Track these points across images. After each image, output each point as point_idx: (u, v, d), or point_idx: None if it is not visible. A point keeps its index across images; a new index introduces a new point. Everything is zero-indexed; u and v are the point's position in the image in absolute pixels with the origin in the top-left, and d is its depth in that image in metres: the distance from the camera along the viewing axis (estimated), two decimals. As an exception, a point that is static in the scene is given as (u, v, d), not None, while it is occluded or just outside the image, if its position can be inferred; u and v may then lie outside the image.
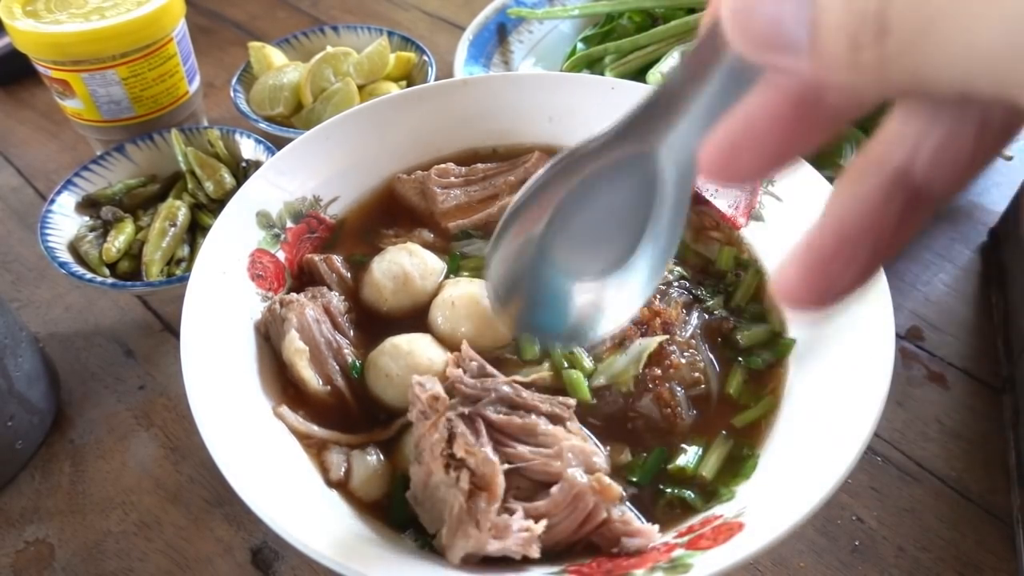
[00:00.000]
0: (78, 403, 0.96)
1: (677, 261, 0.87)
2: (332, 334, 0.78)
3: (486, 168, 0.96)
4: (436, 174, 0.93)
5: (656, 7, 1.33)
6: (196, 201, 1.12)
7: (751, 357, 0.79)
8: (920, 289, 1.07)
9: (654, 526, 0.64)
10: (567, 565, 0.64)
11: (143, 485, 0.88)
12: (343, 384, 0.76)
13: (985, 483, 0.85)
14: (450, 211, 0.92)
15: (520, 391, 0.69)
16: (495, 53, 1.37)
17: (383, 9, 1.74)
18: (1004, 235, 1.09)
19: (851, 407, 0.64)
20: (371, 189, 0.96)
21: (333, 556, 0.56)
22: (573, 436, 0.66)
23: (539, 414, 0.67)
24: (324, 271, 0.86)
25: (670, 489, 0.69)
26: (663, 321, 0.78)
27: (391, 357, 0.75)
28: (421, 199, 0.92)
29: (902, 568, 0.79)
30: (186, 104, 1.26)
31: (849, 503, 0.83)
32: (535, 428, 0.66)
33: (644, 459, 0.71)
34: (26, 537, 0.84)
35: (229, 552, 0.82)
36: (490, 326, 0.78)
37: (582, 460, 0.64)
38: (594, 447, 0.68)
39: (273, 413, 0.72)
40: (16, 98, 1.48)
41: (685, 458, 0.71)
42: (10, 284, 1.12)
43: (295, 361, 0.75)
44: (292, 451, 0.71)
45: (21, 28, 1.08)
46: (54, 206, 1.06)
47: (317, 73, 1.29)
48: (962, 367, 0.97)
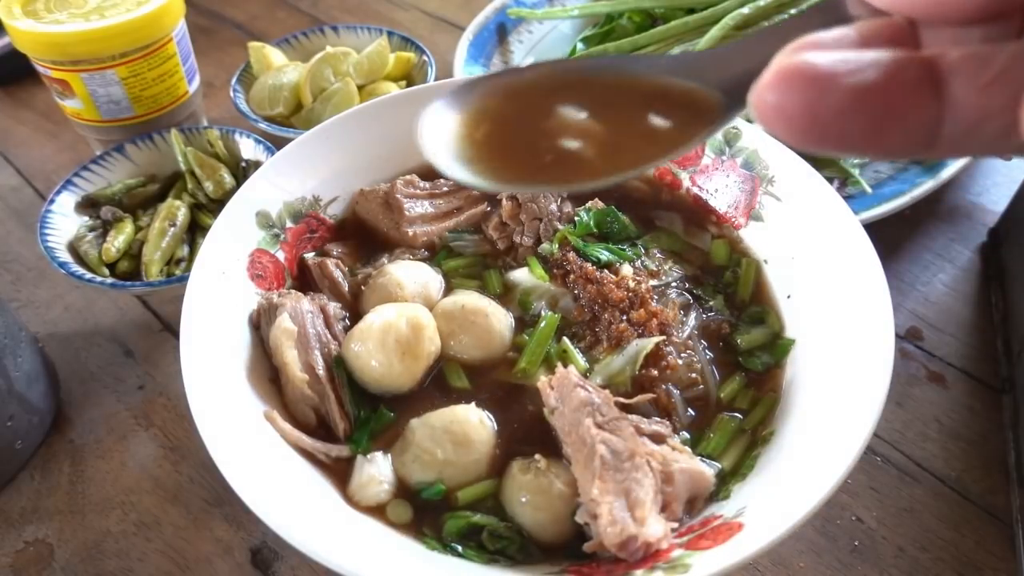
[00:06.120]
0: (78, 403, 0.96)
1: (675, 260, 0.88)
2: (323, 330, 0.78)
3: (449, 182, 0.96)
4: (402, 184, 0.93)
5: (656, 7, 1.33)
6: (196, 201, 1.12)
7: (750, 359, 0.79)
8: (920, 289, 1.07)
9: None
10: (567, 565, 0.64)
11: (142, 485, 0.88)
12: (324, 376, 0.75)
13: (985, 483, 0.85)
14: (415, 220, 0.91)
15: (622, 413, 0.69)
16: (495, 53, 1.37)
17: (383, 9, 1.74)
18: (1004, 235, 1.09)
19: (851, 407, 0.64)
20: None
21: (332, 556, 0.56)
22: (682, 456, 0.67)
23: (641, 434, 0.67)
24: (317, 276, 0.86)
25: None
26: (660, 322, 0.78)
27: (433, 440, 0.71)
28: (386, 211, 0.92)
29: (902, 568, 0.79)
30: (186, 104, 1.26)
31: (849, 503, 0.83)
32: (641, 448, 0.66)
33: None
34: (26, 537, 0.84)
35: (229, 552, 0.82)
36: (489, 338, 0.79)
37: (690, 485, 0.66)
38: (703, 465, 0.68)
39: (265, 417, 0.71)
40: (16, 98, 1.48)
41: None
42: (10, 284, 1.12)
43: (281, 342, 0.74)
44: (291, 451, 0.71)
45: (21, 28, 1.09)
46: (54, 206, 1.06)
47: (317, 73, 1.29)
48: (961, 367, 0.97)
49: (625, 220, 0.90)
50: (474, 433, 0.70)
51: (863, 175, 1.09)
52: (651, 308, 0.79)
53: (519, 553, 0.66)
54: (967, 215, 1.17)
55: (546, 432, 0.71)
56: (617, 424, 0.66)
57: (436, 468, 0.69)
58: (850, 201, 0.97)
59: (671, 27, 1.26)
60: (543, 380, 0.71)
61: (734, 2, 1.26)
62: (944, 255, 1.11)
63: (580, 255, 0.85)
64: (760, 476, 0.68)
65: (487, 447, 0.71)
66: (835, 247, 0.77)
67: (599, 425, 0.65)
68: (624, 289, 0.80)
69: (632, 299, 0.79)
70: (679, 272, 0.86)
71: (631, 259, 0.85)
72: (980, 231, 1.14)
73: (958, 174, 1.08)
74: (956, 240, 1.13)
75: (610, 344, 0.77)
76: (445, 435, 0.70)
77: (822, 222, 0.79)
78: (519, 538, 0.66)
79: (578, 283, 0.82)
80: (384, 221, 0.92)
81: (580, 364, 0.77)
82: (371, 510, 0.68)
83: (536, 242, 0.89)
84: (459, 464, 0.70)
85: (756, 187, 0.88)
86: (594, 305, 0.80)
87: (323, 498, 0.68)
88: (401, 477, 0.71)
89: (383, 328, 0.75)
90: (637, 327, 0.77)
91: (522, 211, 0.90)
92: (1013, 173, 1.22)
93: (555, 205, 0.91)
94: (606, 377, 0.75)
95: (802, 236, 0.82)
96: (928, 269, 1.09)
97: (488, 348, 0.79)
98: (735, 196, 0.90)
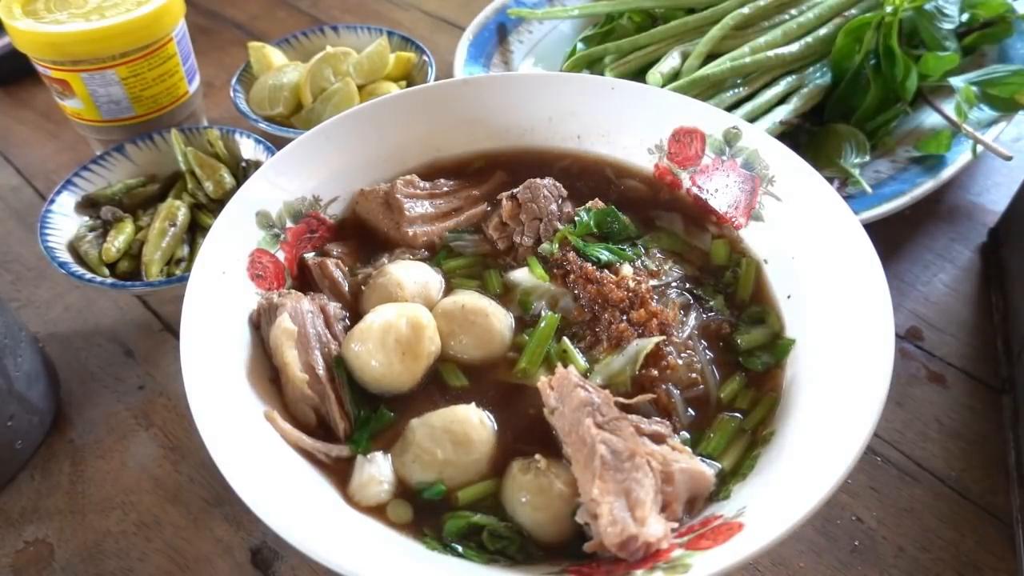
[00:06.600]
0: (78, 403, 0.96)
1: (675, 260, 0.88)
2: (323, 329, 0.78)
3: (449, 183, 0.97)
4: (402, 184, 0.93)
5: (656, 7, 1.33)
6: (196, 201, 1.12)
7: (750, 359, 0.79)
8: (920, 289, 1.07)
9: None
10: (567, 565, 0.64)
11: (142, 485, 0.88)
12: (324, 376, 0.75)
13: (985, 483, 0.85)
14: (415, 220, 0.91)
15: (622, 413, 0.69)
16: (495, 53, 1.37)
17: (383, 9, 1.74)
18: (1004, 235, 1.09)
19: (851, 407, 0.64)
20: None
21: (332, 556, 0.56)
22: (682, 456, 0.67)
23: (641, 434, 0.67)
24: (317, 276, 0.86)
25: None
26: (660, 322, 0.78)
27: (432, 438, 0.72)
28: (386, 211, 0.92)
29: (902, 568, 0.79)
30: (186, 104, 1.26)
31: (849, 503, 0.83)
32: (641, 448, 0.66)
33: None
34: (26, 537, 0.84)
35: (228, 552, 0.82)
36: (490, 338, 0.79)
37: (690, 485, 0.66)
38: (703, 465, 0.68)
39: (265, 417, 0.71)
40: (16, 98, 1.48)
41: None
42: (10, 284, 1.12)
43: (282, 342, 0.74)
44: (291, 451, 0.71)
45: (21, 28, 1.09)
46: (54, 206, 1.06)
47: (317, 73, 1.29)
48: (962, 367, 0.97)
49: (625, 220, 0.90)
50: (474, 433, 0.70)
51: (863, 175, 1.09)
52: (651, 308, 0.79)
53: (519, 553, 0.66)
54: (967, 215, 1.17)
55: (546, 432, 0.71)
56: (617, 424, 0.66)
57: (436, 468, 0.69)
58: (850, 201, 0.97)
59: (671, 27, 1.26)
60: (543, 380, 0.71)
61: (734, 2, 1.26)
62: (944, 255, 1.11)
63: (580, 255, 0.85)
64: (760, 476, 0.68)
65: (487, 447, 0.71)
66: (835, 247, 0.77)
67: (599, 425, 0.65)
68: (624, 289, 0.80)
69: (632, 299, 0.79)
70: (679, 272, 0.86)
71: (631, 259, 0.85)
72: (980, 231, 1.14)
73: (958, 174, 1.08)
74: (956, 240, 1.13)
75: (610, 344, 0.77)
76: (445, 435, 0.70)
77: (822, 222, 0.79)
78: (519, 538, 0.66)
79: (578, 283, 0.82)
80: (384, 221, 0.92)
81: (580, 364, 0.77)
82: (371, 510, 0.68)
83: (536, 242, 0.89)
84: (459, 464, 0.70)
85: (756, 187, 0.88)
86: (594, 305, 0.80)
87: (323, 498, 0.68)
88: (401, 477, 0.71)
89: (383, 328, 0.75)
90: (637, 327, 0.77)
91: (522, 211, 0.90)
92: (1013, 173, 1.22)
93: (555, 205, 0.91)
94: (606, 377, 0.75)
95: (802, 236, 0.82)
96: (928, 269, 1.09)
97: (488, 348, 0.79)
98: (735, 196, 0.90)
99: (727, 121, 0.90)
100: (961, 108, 1.10)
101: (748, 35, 1.24)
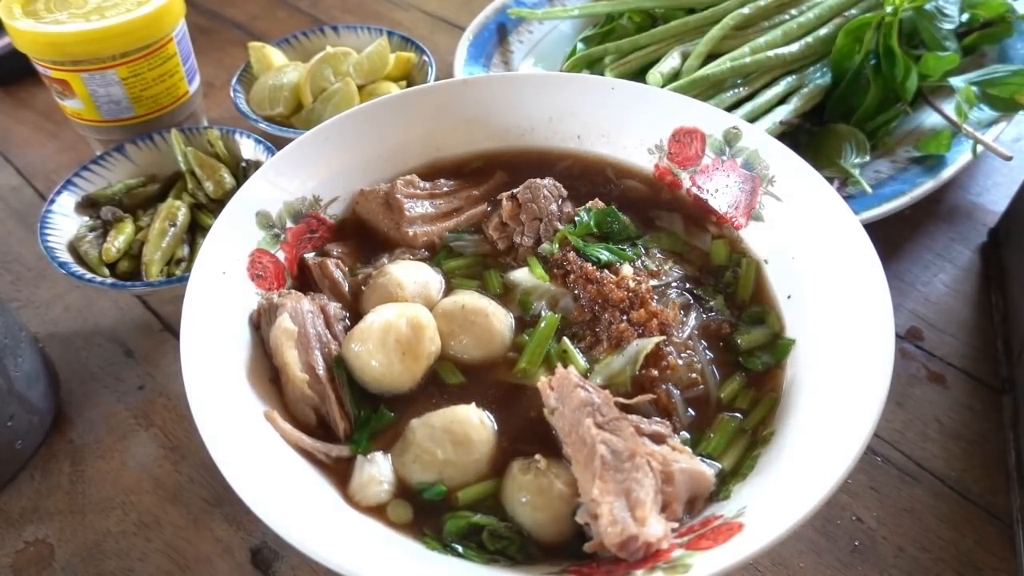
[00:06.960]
0: (78, 403, 0.96)
1: (675, 260, 0.88)
2: (323, 330, 0.78)
3: (449, 183, 0.97)
4: (402, 184, 0.93)
5: (656, 7, 1.33)
6: (196, 201, 1.12)
7: (750, 359, 0.79)
8: (920, 289, 1.07)
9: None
10: (567, 565, 0.64)
11: (143, 485, 0.88)
12: (324, 375, 0.75)
13: (985, 483, 0.85)
14: (415, 220, 0.91)
15: (622, 413, 0.69)
16: (495, 53, 1.37)
17: (383, 9, 1.74)
18: (1004, 235, 1.09)
19: (851, 407, 0.64)
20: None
21: (332, 556, 0.56)
22: (682, 456, 0.67)
23: (641, 434, 0.67)
24: (317, 276, 0.86)
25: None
26: (660, 322, 0.78)
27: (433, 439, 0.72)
28: (386, 211, 0.92)
29: (902, 568, 0.79)
30: (186, 104, 1.26)
31: (849, 503, 0.83)
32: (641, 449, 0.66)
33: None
34: (26, 537, 0.84)
35: (229, 552, 0.82)
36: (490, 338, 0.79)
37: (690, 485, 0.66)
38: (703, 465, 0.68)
39: (265, 417, 0.71)
40: (16, 98, 1.48)
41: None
42: (10, 284, 1.12)
43: (282, 342, 0.74)
44: (291, 451, 0.71)
45: (21, 28, 1.09)
46: (54, 206, 1.06)
47: (317, 73, 1.29)
48: (962, 367, 0.97)
49: (625, 220, 0.90)
50: (474, 433, 0.70)
51: (863, 175, 1.09)
52: (651, 308, 0.79)
53: (519, 553, 0.66)
54: (967, 215, 1.17)
55: (546, 432, 0.71)
56: (617, 424, 0.66)
57: (436, 468, 0.69)
58: (850, 201, 0.97)
59: (671, 27, 1.26)
60: (543, 380, 0.71)
61: (734, 2, 1.26)
62: (944, 255, 1.11)
63: (580, 255, 0.85)
64: (760, 476, 0.68)
65: (487, 447, 0.71)
66: (835, 247, 0.77)
67: (599, 425, 0.65)
68: (624, 289, 0.80)
69: (632, 299, 0.79)
70: (679, 272, 0.86)
71: (631, 259, 0.85)
72: (980, 231, 1.14)
73: (958, 174, 1.08)
74: (956, 240, 1.13)
75: (610, 344, 0.77)
76: (445, 435, 0.70)
77: (822, 222, 0.79)
78: (519, 538, 0.66)
79: (578, 283, 0.82)
80: (384, 221, 0.92)
81: (580, 364, 0.77)
82: (371, 510, 0.68)
83: (536, 242, 0.89)
84: (459, 464, 0.70)
85: (756, 187, 0.88)
86: (594, 305, 0.80)
87: (323, 498, 0.68)
88: (401, 477, 0.71)
89: (383, 328, 0.75)
90: (637, 327, 0.77)
91: (522, 211, 0.90)
92: (1013, 173, 1.22)
93: (555, 205, 0.91)
94: (606, 377, 0.75)
95: (802, 236, 0.82)
96: (928, 269, 1.09)
97: (488, 348, 0.79)
98: (735, 196, 0.90)
99: (727, 121, 0.90)
100: (961, 108, 1.10)
101: (748, 35, 1.24)
